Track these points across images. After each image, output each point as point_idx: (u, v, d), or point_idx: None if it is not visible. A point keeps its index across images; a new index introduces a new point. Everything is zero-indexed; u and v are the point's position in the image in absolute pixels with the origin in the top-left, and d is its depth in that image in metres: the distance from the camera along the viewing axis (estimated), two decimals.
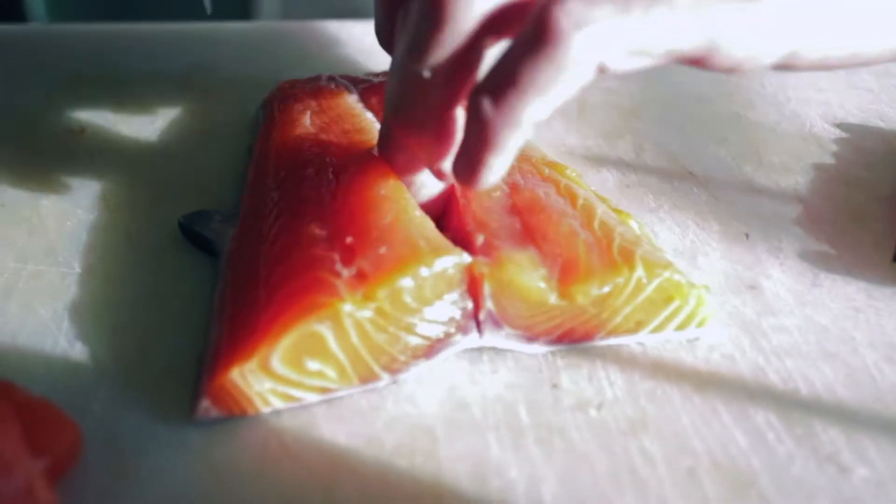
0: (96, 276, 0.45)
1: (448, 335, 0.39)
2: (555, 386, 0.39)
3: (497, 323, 0.40)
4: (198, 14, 0.73)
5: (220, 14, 0.85)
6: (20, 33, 0.69)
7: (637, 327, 0.41)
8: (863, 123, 0.58)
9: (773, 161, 0.54)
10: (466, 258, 0.38)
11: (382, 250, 0.38)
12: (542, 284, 0.39)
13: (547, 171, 0.45)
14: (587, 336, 0.41)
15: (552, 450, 0.37)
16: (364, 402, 0.39)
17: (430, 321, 0.39)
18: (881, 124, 0.57)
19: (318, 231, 0.40)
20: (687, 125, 0.42)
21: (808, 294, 0.44)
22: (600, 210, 0.43)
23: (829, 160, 0.54)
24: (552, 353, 0.41)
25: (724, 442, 0.37)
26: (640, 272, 0.39)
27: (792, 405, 0.39)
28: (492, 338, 0.40)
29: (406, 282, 0.37)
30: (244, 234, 0.44)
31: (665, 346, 0.41)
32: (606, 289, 0.39)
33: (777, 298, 0.44)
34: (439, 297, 0.38)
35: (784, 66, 0.35)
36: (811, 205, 0.50)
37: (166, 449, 0.36)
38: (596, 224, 0.42)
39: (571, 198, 0.44)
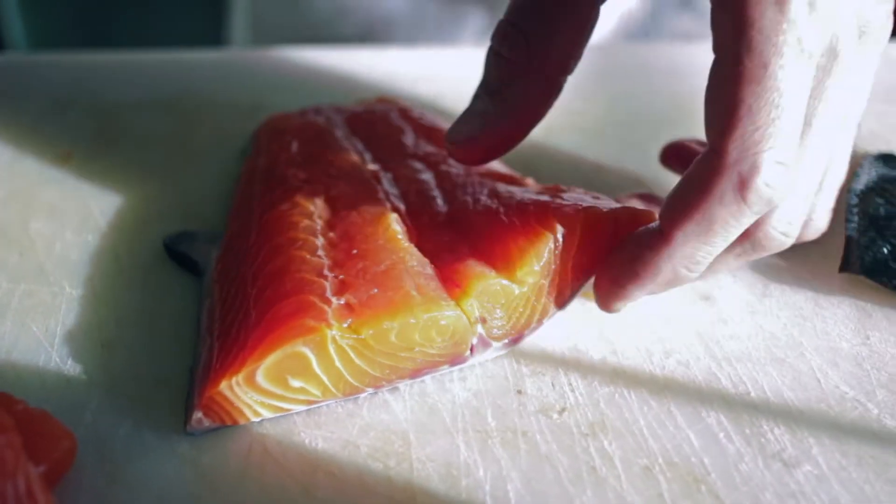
0: (86, 295, 0.47)
1: (435, 364, 0.42)
2: (520, 392, 0.42)
3: (486, 343, 0.42)
4: (173, 42, 0.76)
5: (192, 40, 0.88)
6: (4, 62, 0.71)
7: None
8: None
9: None
10: (457, 312, 0.41)
11: (374, 291, 0.40)
12: (504, 282, 0.41)
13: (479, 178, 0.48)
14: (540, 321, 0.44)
15: (517, 451, 0.39)
16: (341, 410, 0.41)
17: (416, 357, 0.41)
18: None
19: (308, 257, 0.42)
20: (648, 146, 0.45)
21: (759, 304, 0.47)
22: (519, 194, 0.45)
23: None
24: (517, 360, 0.44)
25: (678, 442, 0.40)
26: (559, 232, 0.42)
27: (741, 407, 0.41)
28: (480, 357, 0.43)
29: (392, 325, 0.39)
30: (230, 254, 0.46)
31: (623, 353, 0.44)
32: (544, 259, 0.42)
33: (729, 308, 0.47)
34: (429, 341, 0.41)
35: None
36: None
37: (155, 456, 0.39)
38: (514, 206, 0.44)
39: (497, 196, 0.46)
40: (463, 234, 0.44)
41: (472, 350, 0.42)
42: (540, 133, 0.60)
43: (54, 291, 0.47)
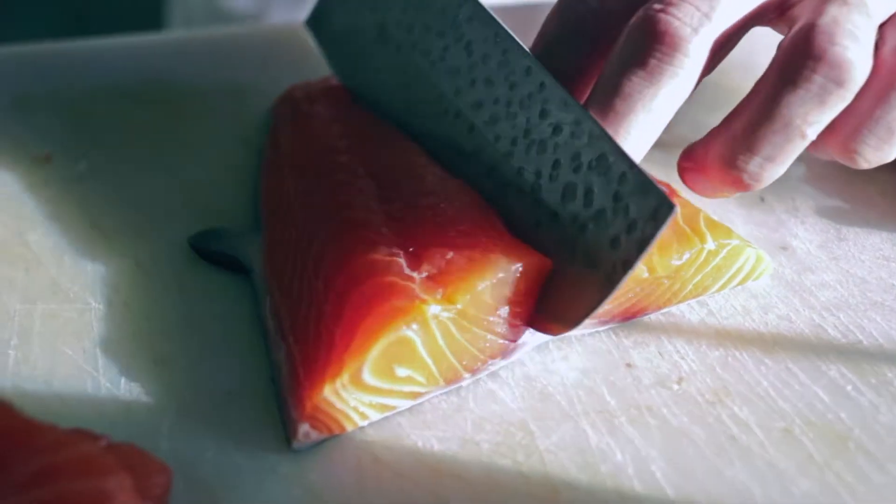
0: (116, 308, 0.42)
1: (517, 327, 0.38)
2: (629, 365, 0.39)
3: None
4: (130, 26, 0.70)
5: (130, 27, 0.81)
6: None
7: (703, 291, 0.41)
8: None
9: None
10: (538, 259, 0.37)
11: (450, 255, 0.37)
12: None
13: None
14: (658, 309, 0.41)
15: (648, 428, 0.36)
16: (445, 405, 0.37)
17: (509, 320, 0.38)
18: None
19: (373, 236, 0.38)
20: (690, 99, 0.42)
21: (838, 248, 0.45)
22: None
23: None
24: (616, 333, 0.41)
25: (808, 400, 0.37)
26: (710, 244, 0.39)
27: (859, 356, 0.39)
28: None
29: (485, 284, 0.36)
30: (279, 246, 0.42)
31: (720, 313, 0.42)
32: (686, 256, 0.39)
33: (810, 256, 0.45)
34: (518, 294, 0.37)
35: None
36: (813, 163, 0.51)
37: (255, 478, 0.34)
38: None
39: None
40: None
41: None
42: None
43: (79, 308, 0.42)
